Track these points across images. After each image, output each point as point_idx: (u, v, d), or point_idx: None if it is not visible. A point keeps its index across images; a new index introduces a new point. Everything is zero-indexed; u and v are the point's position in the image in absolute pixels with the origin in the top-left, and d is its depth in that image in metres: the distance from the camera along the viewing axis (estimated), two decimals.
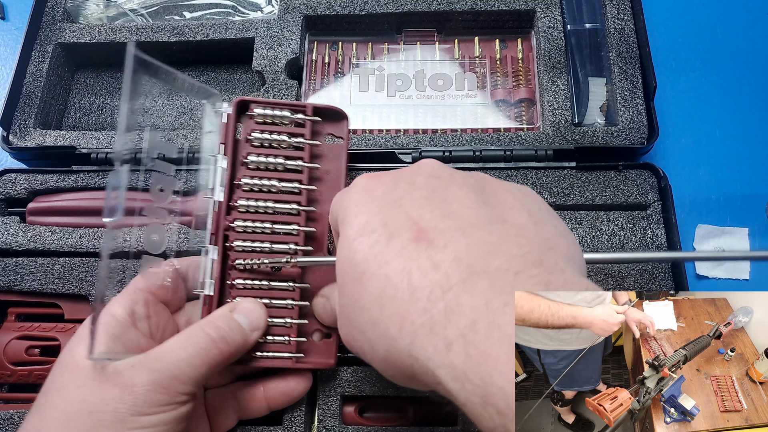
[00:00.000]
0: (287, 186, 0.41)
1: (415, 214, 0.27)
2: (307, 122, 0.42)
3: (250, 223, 0.40)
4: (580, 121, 0.52)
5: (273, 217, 0.40)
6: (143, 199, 0.52)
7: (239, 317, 0.37)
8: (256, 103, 0.41)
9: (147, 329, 0.37)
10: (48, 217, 0.51)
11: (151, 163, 0.40)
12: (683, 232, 0.50)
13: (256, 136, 0.41)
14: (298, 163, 0.41)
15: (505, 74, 0.56)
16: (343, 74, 0.57)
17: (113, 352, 0.34)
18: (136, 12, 0.60)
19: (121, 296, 0.37)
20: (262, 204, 0.40)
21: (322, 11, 0.56)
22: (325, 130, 0.43)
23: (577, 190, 0.50)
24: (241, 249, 0.40)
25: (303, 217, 0.40)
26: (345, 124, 0.43)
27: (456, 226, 0.26)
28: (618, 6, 0.55)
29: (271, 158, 0.41)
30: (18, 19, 0.65)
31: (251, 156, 0.41)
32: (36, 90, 0.56)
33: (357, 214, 0.28)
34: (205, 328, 0.35)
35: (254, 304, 0.38)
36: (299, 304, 0.40)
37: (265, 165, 0.41)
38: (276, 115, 0.41)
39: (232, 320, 0.36)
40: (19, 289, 0.48)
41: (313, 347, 0.41)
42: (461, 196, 0.27)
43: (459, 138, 0.52)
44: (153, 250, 0.38)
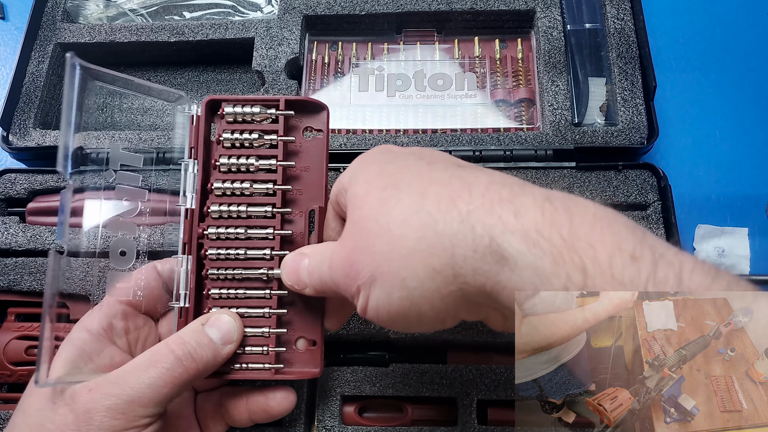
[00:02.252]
0: (260, 188, 0.38)
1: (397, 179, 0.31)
2: (281, 117, 0.39)
3: (224, 230, 0.38)
4: (580, 121, 0.52)
5: (247, 221, 0.38)
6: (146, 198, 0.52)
7: (211, 331, 0.35)
8: (227, 101, 0.39)
9: (125, 344, 0.36)
10: (48, 217, 0.51)
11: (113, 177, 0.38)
12: (683, 232, 0.50)
13: (226, 136, 0.39)
14: (270, 162, 0.38)
15: (505, 74, 0.56)
16: (343, 74, 0.57)
17: (72, 374, 0.33)
18: (136, 12, 0.60)
19: (97, 309, 0.36)
20: (235, 208, 0.38)
21: (322, 11, 0.56)
22: (303, 124, 0.40)
23: (577, 190, 0.50)
24: (215, 257, 0.38)
25: (278, 220, 0.38)
26: (324, 116, 0.40)
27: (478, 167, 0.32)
28: (618, 6, 0.55)
29: (242, 159, 0.38)
30: (18, 19, 0.65)
31: (222, 158, 0.39)
32: (36, 90, 0.56)
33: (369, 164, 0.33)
34: (171, 345, 0.34)
35: (228, 316, 0.37)
36: (277, 313, 0.38)
37: (236, 167, 0.39)
38: (246, 112, 0.39)
39: (201, 335, 0.35)
40: (19, 289, 0.48)
41: (297, 356, 0.38)
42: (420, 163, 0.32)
43: (459, 138, 0.52)
44: (120, 266, 0.36)
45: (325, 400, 0.44)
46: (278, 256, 0.37)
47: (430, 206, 0.28)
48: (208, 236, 0.38)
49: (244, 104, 0.39)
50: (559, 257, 0.24)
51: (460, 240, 0.27)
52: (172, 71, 0.61)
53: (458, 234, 0.27)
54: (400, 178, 0.30)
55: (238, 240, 0.38)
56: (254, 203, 0.38)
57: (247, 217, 0.38)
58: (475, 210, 0.27)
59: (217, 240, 0.38)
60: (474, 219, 0.27)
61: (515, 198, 0.27)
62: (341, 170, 0.51)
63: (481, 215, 0.27)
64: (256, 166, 0.38)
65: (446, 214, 0.27)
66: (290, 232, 0.38)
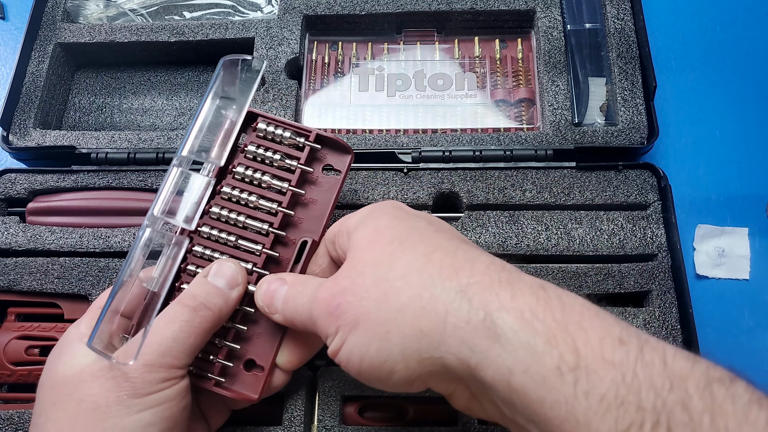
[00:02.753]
0: (265, 204, 0.39)
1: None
2: (307, 147, 0.41)
3: (216, 232, 0.39)
4: (580, 121, 0.52)
5: (241, 231, 0.39)
6: (143, 199, 0.52)
7: (215, 279, 0.37)
8: (263, 118, 0.41)
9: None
10: (48, 217, 0.51)
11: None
12: (683, 232, 0.50)
13: (251, 149, 0.40)
14: (282, 184, 0.40)
15: (505, 74, 0.56)
16: (343, 74, 0.57)
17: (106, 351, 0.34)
18: (136, 12, 0.60)
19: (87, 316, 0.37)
20: (234, 216, 0.39)
21: (322, 11, 0.56)
22: (326, 159, 0.42)
23: (577, 190, 0.50)
24: (200, 255, 0.39)
25: (270, 239, 0.39)
26: (347, 159, 0.41)
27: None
28: (618, 6, 0.55)
29: (258, 173, 0.40)
30: (18, 19, 0.65)
31: (240, 167, 0.40)
32: (36, 90, 0.56)
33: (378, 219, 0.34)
34: (183, 301, 0.35)
35: (227, 262, 0.38)
36: (237, 327, 0.38)
37: (250, 179, 0.40)
38: (277, 133, 0.40)
39: (208, 285, 0.36)
40: (19, 289, 0.48)
41: (241, 376, 0.38)
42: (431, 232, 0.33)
43: (459, 138, 0.52)
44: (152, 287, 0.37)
45: (325, 400, 0.44)
46: (258, 273, 0.38)
47: (432, 270, 0.29)
48: (201, 233, 0.39)
49: (278, 125, 0.41)
50: (552, 337, 0.25)
51: (455, 309, 0.27)
52: (172, 71, 0.61)
53: (454, 302, 0.28)
54: (408, 236, 0.32)
55: (226, 246, 0.39)
56: (254, 217, 0.39)
57: (242, 227, 0.39)
58: (475, 284, 0.28)
59: (207, 239, 0.39)
60: (472, 292, 0.28)
61: (513, 282, 0.28)
62: None
63: (480, 290, 0.28)
64: (269, 183, 0.40)
65: (446, 281, 0.28)
66: (278, 254, 0.39)
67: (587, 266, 0.47)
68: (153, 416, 0.32)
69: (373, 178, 0.51)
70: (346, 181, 0.44)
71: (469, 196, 0.50)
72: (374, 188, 0.50)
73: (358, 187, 0.50)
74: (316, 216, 0.40)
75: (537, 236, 0.48)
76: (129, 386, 0.32)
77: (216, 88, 0.40)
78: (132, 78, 0.61)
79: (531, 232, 0.48)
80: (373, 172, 0.51)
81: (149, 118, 0.59)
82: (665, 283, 0.46)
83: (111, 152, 0.52)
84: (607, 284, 0.46)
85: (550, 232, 0.48)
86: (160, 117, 0.59)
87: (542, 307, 0.27)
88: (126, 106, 0.60)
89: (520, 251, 0.48)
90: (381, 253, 0.31)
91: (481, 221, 0.49)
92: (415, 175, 0.51)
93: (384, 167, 0.51)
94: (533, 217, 0.49)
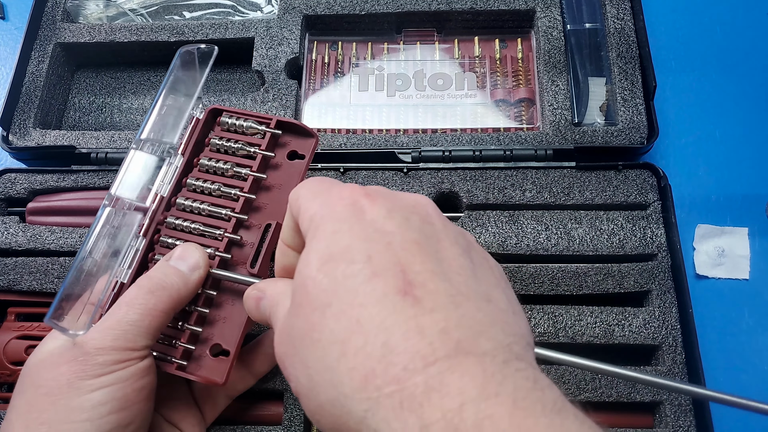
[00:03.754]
0: (227, 191, 0.40)
1: (404, 260, 0.24)
2: (267, 134, 0.41)
3: (181, 221, 0.40)
4: (580, 121, 0.52)
5: (206, 219, 0.40)
6: None
7: (175, 262, 0.36)
8: (227, 112, 0.42)
9: None
10: (48, 217, 0.51)
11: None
12: (683, 231, 0.50)
13: (214, 141, 0.41)
14: (245, 171, 0.40)
15: (505, 74, 0.56)
16: (342, 74, 0.57)
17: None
18: (136, 12, 0.60)
19: None
20: (198, 205, 0.40)
21: (321, 11, 0.56)
22: (291, 146, 0.42)
23: (577, 189, 0.50)
24: (166, 245, 0.39)
25: (232, 223, 0.39)
26: (310, 143, 0.41)
27: (446, 291, 0.23)
28: (618, 6, 0.55)
29: (221, 163, 0.41)
30: (18, 19, 0.65)
31: (204, 159, 0.41)
32: (36, 90, 0.56)
33: (338, 231, 0.25)
34: (140, 282, 0.35)
35: (189, 246, 0.38)
36: (199, 310, 0.38)
37: (213, 169, 0.41)
38: (239, 124, 0.41)
39: (166, 266, 0.36)
40: (19, 288, 0.48)
41: (206, 360, 0.38)
42: (453, 257, 0.25)
43: (459, 138, 0.52)
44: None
45: None
46: (220, 257, 0.39)
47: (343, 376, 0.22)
48: (167, 224, 0.40)
49: (239, 117, 0.41)
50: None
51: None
52: None
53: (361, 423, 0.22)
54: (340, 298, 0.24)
55: (191, 234, 0.40)
56: (216, 204, 0.40)
57: (207, 215, 0.40)
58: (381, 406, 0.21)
59: (173, 230, 0.40)
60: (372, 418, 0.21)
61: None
62: (341, 170, 0.51)
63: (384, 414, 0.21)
64: (232, 171, 0.40)
65: (360, 391, 0.22)
66: (239, 237, 0.39)
67: (587, 266, 0.47)
68: (103, 396, 0.32)
69: (373, 178, 0.51)
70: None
71: (469, 196, 0.50)
72: None
73: None
74: (281, 200, 0.41)
75: (537, 236, 0.48)
76: (79, 369, 0.32)
77: (173, 77, 0.42)
78: (132, 78, 0.61)
79: (531, 232, 0.48)
80: (373, 172, 0.51)
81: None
82: (665, 283, 0.46)
83: (111, 152, 0.52)
84: (606, 284, 0.46)
85: (550, 231, 0.48)
86: None
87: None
88: (126, 106, 0.60)
89: (520, 251, 0.48)
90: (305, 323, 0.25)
91: (481, 221, 0.49)
92: (415, 175, 0.51)
93: (384, 167, 0.51)
94: (533, 217, 0.49)
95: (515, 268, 0.47)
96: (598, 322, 0.45)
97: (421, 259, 0.24)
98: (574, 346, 0.45)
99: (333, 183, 0.29)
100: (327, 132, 0.54)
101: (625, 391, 0.43)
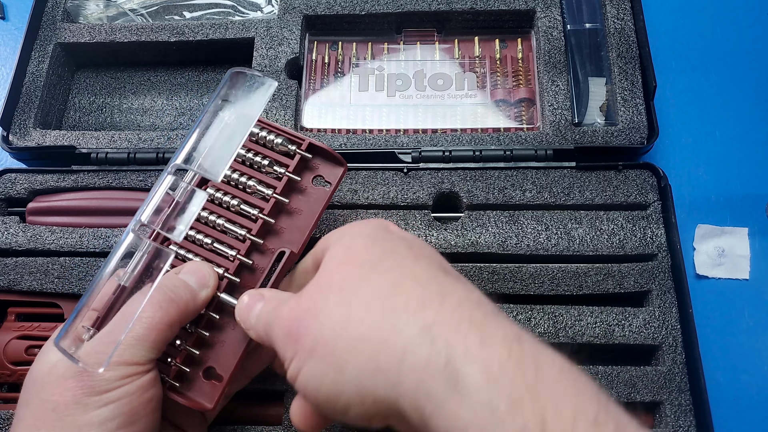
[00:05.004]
0: (246, 210, 0.38)
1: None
2: (297, 155, 0.39)
3: (193, 233, 0.38)
4: (580, 121, 0.52)
5: (219, 235, 0.38)
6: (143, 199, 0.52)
7: (185, 276, 0.36)
8: (259, 122, 0.40)
9: None
10: (48, 217, 0.51)
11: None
12: (683, 232, 0.50)
13: (240, 152, 0.39)
14: (266, 191, 0.39)
15: (505, 74, 0.56)
16: (343, 74, 0.57)
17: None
18: (136, 12, 0.60)
19: None
20: (213, 218, 0.38)
21: (322, 11, 0.56)
22: (318, 170, 0.40)
23: (577, 189, 0.50)
24: (175, 255, 0.37)
25: (246, 245, 0.38)
26: (339, 172, 0.40)
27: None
28: (618, 6, 0.55)
29: (244, 178, 0.39)
30: (18, 19, 0.65)
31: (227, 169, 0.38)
32: (36, 90, 0.56)
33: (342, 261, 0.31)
34: (146, 292, 0.34)
35: (200, 263, 0.37)
36: (200, 332, 0.37)
37: (236, 182, 0.39)
38: (269, 138, 0.39)
39: (176, 279, 0.35)
40: (19, 288, 0.48)
41: (198, 382, 0.37)
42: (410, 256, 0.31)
43: (459, 138, 0.52)
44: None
45: None
46: (228, 279, 0.37)
47: (398, 300, 0.27)
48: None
49: (271, 131, 0.39)
50: (519, 401, 0.23)
51: (416, 347, 0.25)
52: (172, 71, 0.61)
53: (415, 340, 0.25)
54: (381, 260, 0.29)
55: (202, 248, 0.38)
56: (233, 221, 0.38)
57: (221, 231, 0.38)
58: (441, 322, 0.25)
59: (184, 240, 0.37)
60: (437, 332, 0.25)
61: (486, 325, 0.25)
62: None
63: (446, 330, 0.25)
64: (254, 188, 0.39)
65: (411, 315, 0.26)
66: (251, 261, 0.38)
67: (587, 266, 0.47)
68: (110, 412, 0.32)
69: (373, 178, 0.51)
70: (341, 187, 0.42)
71: (469, 196, 0.50)
72: (374, 188, 0.50)
73: (358, 187, 0.50)
74: (299, 227, 0.39)
75: (537, 236, 0.48)
76: (86, 385, 0.32)
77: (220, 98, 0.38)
78: (132, 78, 0.61)
79: (531, 232, 0.48)
80: (373, 172, 0.51)
81: (149, 118, 0.59)
82: (665, 283, 0.46)
83: (111, 152, 0.52)
84: (607, 284, 0.46)
85: (550, 232, 0.48)
86: (160, 117, 0.59)
87: (514, 363, 0.24)
88: (126, 106, 0.60)
89: (520, 251, 0.48)
90: (348, 276, 0.29)
91: (481, 221, 0.49)
92: (415, 175, 0.51)
93: (384, 167, 0.51)
94: (533, 217, 0.49)
95: (515, 268, 0.47)
96: (598, 322, 0.45)
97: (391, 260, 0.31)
98: (574, 346, 0.45)
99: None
100: (327, 132, 0.54)
101: (625, 391, 0.43)
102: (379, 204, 0.50)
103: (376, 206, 0.50)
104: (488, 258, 0.48)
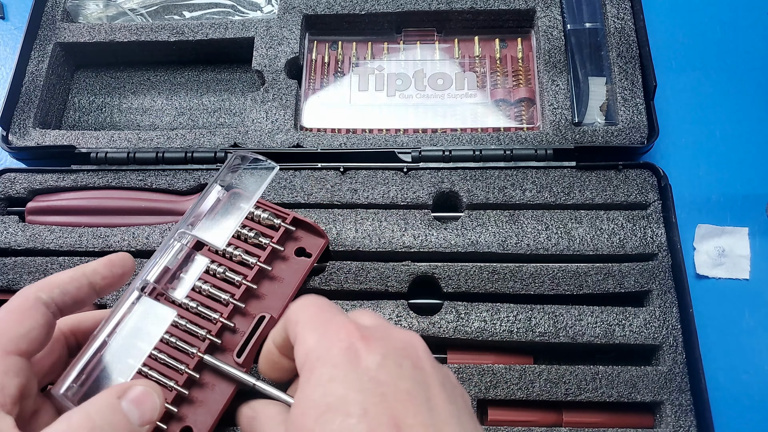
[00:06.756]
0: (231, 276, 0.41)
1: (398, 413, 0.25)
2: (281, 228, 0.43)
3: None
4: (580, 121, 0.52)
5: (203, 299, 0.41)
6: (142, 198, 0.52)
7: (127, 407, 0.29)
8: None
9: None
10: (47, 217, 0.51)
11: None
12: (683, 231, 0.50)
13: None
14: (251, 259, 0.41)
15: (505, 74, 0.56)
16: (342, 74, 0.57)
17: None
18: (136, 12, 0.60)
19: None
20: (199, 284, 0.40)
21: (321, 11, 0.56)
22: (300, 242, 0.44)
23: (577, 189, 0.50)
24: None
25: (229, 309, 0.40)
26: (320, 243, 0.44)
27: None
28: (618, 5, 0.55)
29: (230, 247, 0.42)
30: (18, 18, 0.65)
31: None
32: (35, 89, 0.56)
33: (333, 379, 0.26)
34: (74, 423, 0.27)
35: (150, 389, 0.30)
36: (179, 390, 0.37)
37: (222, 252, 0.42)
38: (255, 213, 0.43)
39: (116, 413, 0.29)
40: (19, 288, 0.48)
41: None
42: (442, 404, 0.26)
43: (459, 137, 0.52)
44: None
45: None
46: (210, 340, 0.39)
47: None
48: (166, 297, 0.39)
49: (259, 206, 0.43)
50: None
51: None
52: (172, 71, 0.61)
53: None
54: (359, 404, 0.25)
55: (187, 311, 0.40)
56: (217, 286, 0.41)
57: (206, 296, 0.41)
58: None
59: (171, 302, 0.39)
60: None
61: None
62: (341, 170, 0.51)
63: None
64: (240, 257, 0.42)
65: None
66: (233, 324, 0.40)
67: (587, 266, 0.47)
68: None
69: (373, 178, 0.51)
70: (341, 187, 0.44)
71: (469, 195, 0.50)
72: (374, 188, 0.50)
73: (358, 187, 0.50)
74: (280, 294, 0.42)
75: (537, 236, 0.48)
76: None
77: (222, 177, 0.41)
78: (132, 78, 0.61)
79: (531, 231, 0.48)
80: (373, 172, 0.51)
81: (149, 117, 0.59)
82: (665, 282, 0.46)
83: (111, 152, 0.52)
84: (607, 284, 0.46)
85: (550, 231, 0.48)
86: (159, 117, 0.59)
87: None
88: (126, 106, 0.60)
89: (520, 251, 0.48)
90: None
91: (481, 221, 0.49)
92: (415, 175, 0.51)
93: (384, 167, 0.51)
94: (533, 216, 0.49)
95: (515, 267, 0.47)
96: (598, 322, 0.45)
97: (413, 411, 0.25)
98: (574, 345, 0.45)
99: (332, 314, 0.29)
100: (327, 132, 0.54)
101: (626, 391, 0.43)
102: (379, 204, 0.50)
103: (375, 206, 0.50)
104: (488, 257, 0.48)
